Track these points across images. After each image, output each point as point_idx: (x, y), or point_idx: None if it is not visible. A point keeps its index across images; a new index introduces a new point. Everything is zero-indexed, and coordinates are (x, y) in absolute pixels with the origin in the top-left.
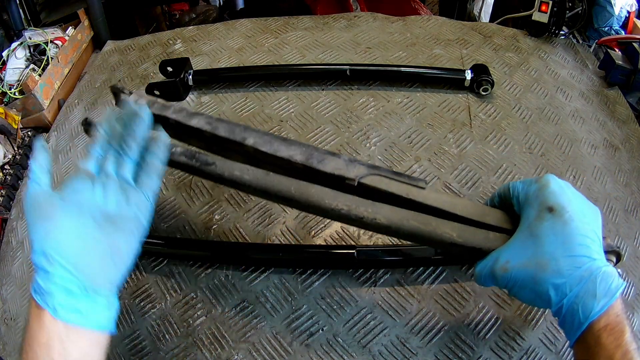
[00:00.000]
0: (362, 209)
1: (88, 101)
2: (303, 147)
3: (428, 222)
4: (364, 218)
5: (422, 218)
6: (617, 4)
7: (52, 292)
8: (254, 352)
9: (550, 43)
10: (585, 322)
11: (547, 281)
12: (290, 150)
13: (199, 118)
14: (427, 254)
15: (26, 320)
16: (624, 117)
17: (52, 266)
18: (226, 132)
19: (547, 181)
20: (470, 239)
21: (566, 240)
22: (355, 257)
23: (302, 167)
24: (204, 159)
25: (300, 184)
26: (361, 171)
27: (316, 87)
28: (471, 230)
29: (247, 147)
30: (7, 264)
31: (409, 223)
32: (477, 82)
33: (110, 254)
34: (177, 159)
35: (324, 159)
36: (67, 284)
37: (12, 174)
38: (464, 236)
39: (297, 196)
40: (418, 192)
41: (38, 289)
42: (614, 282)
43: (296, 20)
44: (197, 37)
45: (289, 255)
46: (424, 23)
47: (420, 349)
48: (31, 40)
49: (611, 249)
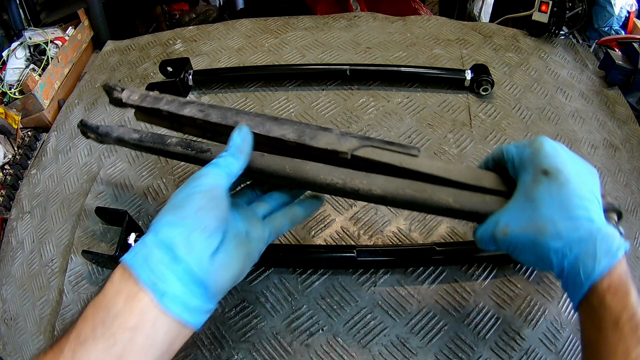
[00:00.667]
0: (357, 181)
1: (88, 101)
2: (295, 125)
3: (423, 189)
4: (359, 190)
5: (417, 186)
6: (617, 4)
7: (168, 279)
8: (254, 352)
9: (550, 43)
10: (586, 284)
11: (546, 244)
12: (282, 130)
13: (191, 107)
14: (427, 254)
15: (102, 295)
16: (624, 117)
17: (190, 254)
18: (218, 117)
19: (541, 144)
20: (467, 204)
21: (563, 202)
22: (355, 257)
23: (295, 145)
24: (199, 146)
25: (295, 162)
26: (354, 144)
27: (316, 87)
28: (467, 195)
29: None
30: (7, 264)
31: (404, 192)
32: (477, 82)
33: (234, 276)
34: (174, 149)
35: (316, 135)
36: (189, 280)
37: (12, 174)
38: (460, 201)
39: (292, 174)
40: (412, 160)
41: (149, 268)
42: (614, 243)
43: (296, 20)
44: (197, 37)
45: (289, 255)
46: (424, 23)
47: (420, 349)
48: (31, 40)
49: (611, 207)
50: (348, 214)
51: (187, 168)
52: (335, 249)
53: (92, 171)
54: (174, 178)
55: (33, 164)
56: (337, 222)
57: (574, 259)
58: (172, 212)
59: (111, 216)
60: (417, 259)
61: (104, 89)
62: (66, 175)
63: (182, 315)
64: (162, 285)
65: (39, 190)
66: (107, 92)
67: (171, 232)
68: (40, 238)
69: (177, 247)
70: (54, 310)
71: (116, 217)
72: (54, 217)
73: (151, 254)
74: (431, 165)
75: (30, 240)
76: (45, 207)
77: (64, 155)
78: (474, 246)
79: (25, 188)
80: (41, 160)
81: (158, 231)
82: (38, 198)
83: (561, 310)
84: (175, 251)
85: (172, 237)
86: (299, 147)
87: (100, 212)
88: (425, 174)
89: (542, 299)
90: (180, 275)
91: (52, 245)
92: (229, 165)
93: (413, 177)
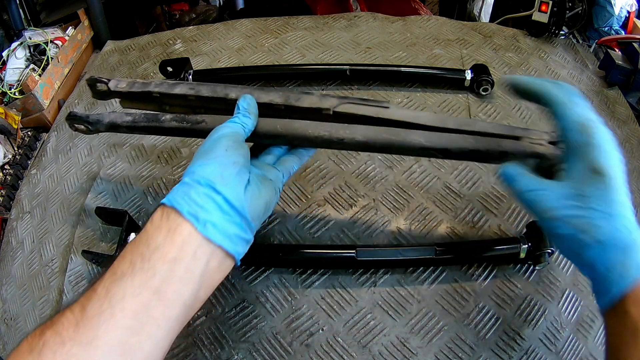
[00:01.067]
0: (341, 132)
1: (88, 101)
2: (280, 92)
3: (397, 133)
4: (344, 139)
5: (392, 131)
6: (617, 4)
7: (209, 209)
8: (254, 352)
9: (550, 43)
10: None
11: (585, 245)
12: (270, 96)
13: (181, 86)
14: (428, 255)
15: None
16: (624, 117)
17: (225, 187)
18: (209, 92)
19: (592, 134)
20: (438, 142)
21: (609, 208)
22: (355, 257)
23: (284, 107)
24: (193, 119)
25: (284, 121)
26: (334, 102)
27: (316, 87)
28: (437, 135)
29: (230, 101)
30: (7, 264)
31: (382, 136)
32: (477, 82)
33: (265, 204)
34: (169, 124)
35: (300, 97)
36: (228, 208)
37: (12, 174)
38: (432, 140)
39: (283, 132)
40: (385, 111)
41: (189, 202)
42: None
43: (296, 20)
44: (197, 37)
45: (289, 255)
46: (424, 23)
47: (420, 349)
48: (31, 40)
49: None
50: (348, 214)
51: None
52: (335, 248)
53: (92, 171)
54: (174, 178)
55: (33, 164)
56: (338, 222)
57: (607, 266)
58: (203, 156)
59: (111, 216)
60: (418, 259)
61: (88, 83)
62: (66, 175)
63: (224, 243)
64: (204, 215)
65: (39, 190)
66: (90, 86)
67: (206, 170)
68: (40, 238)
69: (213, 181)
70: (54, 310)
71: (116, 217)
72: (54, 217)
73: (191, 189)
74: (402, 113)
75: (30, 240)
76: (45, 207)
77: (64, 155)
78: (474, 246)
79: (25, 188)
80: (41, 160)
81: (194, 172)
82: (38, 198)
83: (561, 310)
84: (212, 185)
85: (208, 174)
86: (286, 109)
87: (100, 212)
88: (398, 121)
89: (542, 299)
90: (220, 204)
91: (52, 245)
92: (243, 122)
93: (388, 125)
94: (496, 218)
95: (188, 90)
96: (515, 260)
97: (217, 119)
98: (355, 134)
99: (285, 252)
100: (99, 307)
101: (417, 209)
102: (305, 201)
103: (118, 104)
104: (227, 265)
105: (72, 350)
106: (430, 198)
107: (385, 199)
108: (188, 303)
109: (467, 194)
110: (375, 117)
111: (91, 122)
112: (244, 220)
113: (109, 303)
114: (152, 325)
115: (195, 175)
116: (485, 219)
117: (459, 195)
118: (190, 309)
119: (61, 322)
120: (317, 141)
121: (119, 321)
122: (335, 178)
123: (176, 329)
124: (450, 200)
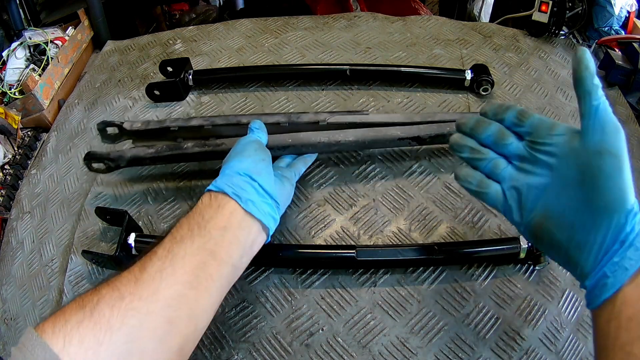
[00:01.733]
0: (337, 136)
1: (88, 101)
2: (282, 114)
3: (379, 131)
4: (340, 141)
5: (375, 130)
6: (617, 4)
7: (248, 190)
8: (254, 352)
9: (550, 43)
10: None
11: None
12: (275, 117)
13: (196, 119)
14: (428, 254)
15: (195, 210)
16: (624, 117)
17: (259, 176)
18: (222, 120)
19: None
20: (410, 132)
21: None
22: (355, 257)
23: (288, 124)
24: (213, 142)
25: (292, 134)
26: (326, 116)
27: (316, 87)
28: (408, 127)
29: (243, 125)
30: (7, 264)
31: (369, 134)
32: (477, 82)
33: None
34: (192, 150)
35: (300, 116)
36: (263, 192)
37: (12, 174)
38: (405, 132)
39: (292, 142)
40: (367, 117)
41: (233, 187)
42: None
43: (296, 20)
44: (197, 37)
45: (288, 255)
46: (424, 23)
47: (420, 349)
48: (31, 40)
49: None
50: (348, 214)
51: (187, 168)
52: (335, 248)
53: None
54: (174, 178)
55: (33, 164)
56: (337, 222)
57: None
58: (236, 156)
59: (111, 216)
60: (418, 259)
61: (98, 128)
62: (66, 175)
63: (261, 217)
64: (245, 195)
65: (39, 190)
66: (100, 130)
67: (242, 164)
68: (40, 238)
69: (250, 172)
70: (54, 310)
71: (116, 217)
72: (54, 217)
73: (232, 178)
74: (379, 117)
75: (30, 240)
76: (45, 207)
77: (64, 155)
78: (474, 246)
79: (25, 188)
80: (41, 160)
81: (232, 167)
82: (38, 198)
83: (561, 310)
84: (250, 174)
85: (244, 167)
86: (290, 125)
87: (101, 212)
88: (378, 123)
89: (542, 299)
90: (257, 189)
91: (52, 245)
92: (259, 135)
93: (371, 126)
94: (496, 218)
95: (203, 122)
96: (515, 260)
97: (234, 140)
98: (348, 136)
99: (285, 252)
100: (160, 265)
101: (417, 209)
102: (305, 201)
103: (118, 109)
104: (262, 239)
105: (132, 303)
106: (430, 198)
107: (385, 199)
108: (236, 264)
109: (467, 194)
110: (359, 122)
111: (112, 159)
112: (274, 202)
113: (170, 261)
114: (208, 280)
115: (235, 169)
116: (485, 219)
117: (459, 195)
118: (237, 270)
119: (119, 280)
120: (319, 146)
121: (179, 277)
122: (336, 178)
123: (225, 287)
124: (450, 200)
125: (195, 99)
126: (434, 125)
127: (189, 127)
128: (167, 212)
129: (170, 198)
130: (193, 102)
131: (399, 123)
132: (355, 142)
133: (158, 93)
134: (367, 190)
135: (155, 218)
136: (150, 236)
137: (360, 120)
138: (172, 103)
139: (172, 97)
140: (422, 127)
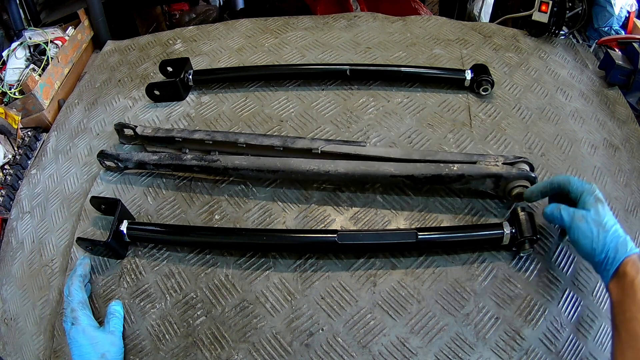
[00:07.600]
0: (327, 166)
1: (88, 101)
2: (278, 137)
3: (372, 165)
4: (329, 171)
5: (368, 164)
6: (617, 4)
7: None
8: (254, 352)
9: (550, 43)
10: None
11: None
12: (270, 140)
13: (199, 133)
14: (410, 239)
15: None
16: (624, 117)
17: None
18: (222, 137)
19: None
20: (404, 170)
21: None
22: (337, 241)
23: (282, 149)
24: (210, 158)
25: (282, 159)
26: (321, 144)
27: (316, 87)
28: (404, 165)
29: (240, 143)
30: (7, 264)
31: (360, 169)
32: (477, 82)
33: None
34: (190, 162)
35: (295, 141)
36: None
37: (12, 174)
38: (399, 169)
39: (282, 167)
40: (361, 149)
41: None
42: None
43: (296, 20)
44: (197, 37)
45: (271, 240)
46: (424, 23)
47: (420, 349)
48: (31, 40)
49: None
50: (348, 214)
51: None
52: (317, 233)
53: (92, 171)
54: (174, 178)
55: (33, 164)
56: (337, 222)
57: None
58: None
59: (105, 205)
60: (400, 243)
61: (115, 128)
62: (66, 175)
63: None
64: None
65: (39, 190)
66: (118, 131)
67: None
68: (40, 238)
69: None
70: (54, 310)
71: (109, 205)
72: (54, 217)
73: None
74: (376, 150)
75: (30, 240)
76: (45, 207)
77: (64, 155)
78: (456, 232)
79: (25, 188)
80: (41, 160)
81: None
82: (38, 198)
83: (561, 310)
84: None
85: None
86: (284, 150)
87: (95, 202)
88: (373, 156)
89: (542, 299)
90: None
91: (52, 245)
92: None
93: (365, 160)
94: (496, 218)
95: (205, 136)
96: (498, 246)
97: (228, 158)
98: (338, 168)
99: (267, 237)
100: None
101: (417, 209)
102: (305, 201)
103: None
104: None
105: None
106: (430, 198)
107: (386, 198)
108: None
109: (467, 194)
110: (354, 154)
111: (121, 160)
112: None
113: None
114: None
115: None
116: (485, 219)
117: (459, 195)
118: None
119: None
120: (308, 174)
121: None
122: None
123: None
124: (450, 200)
125: (195, 99)
126: (431, 165)
127: (192, 140)
128: (167, 212)
129: (170, 198)
130: (193, 102)
131: (395, 159)
132: (344, 174)
133: (158, 93)
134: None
135: (155, 218)
136: (142, 223)
137: (356, 152)
138: (172, 103)
139: (172, 97)
140: (418, 165)
